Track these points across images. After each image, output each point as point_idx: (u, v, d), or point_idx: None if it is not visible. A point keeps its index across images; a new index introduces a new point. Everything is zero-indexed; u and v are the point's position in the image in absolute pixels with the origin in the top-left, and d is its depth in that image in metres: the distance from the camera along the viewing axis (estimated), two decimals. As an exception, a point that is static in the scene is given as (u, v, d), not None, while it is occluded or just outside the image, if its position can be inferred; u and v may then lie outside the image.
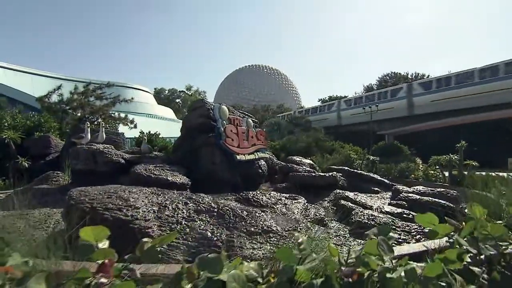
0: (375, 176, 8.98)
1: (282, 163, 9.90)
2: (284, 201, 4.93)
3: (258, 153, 7.34)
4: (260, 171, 7.53)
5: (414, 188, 5.97)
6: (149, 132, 12.96)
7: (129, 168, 4.97)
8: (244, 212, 3.23)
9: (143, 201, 3.09)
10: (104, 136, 6.62)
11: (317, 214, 4.88)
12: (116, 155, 5.24)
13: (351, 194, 6.32)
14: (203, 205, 3.32)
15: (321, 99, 63.02)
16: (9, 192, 5.24)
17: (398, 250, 2.19)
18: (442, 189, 5.64)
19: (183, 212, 3.14)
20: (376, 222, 3.62)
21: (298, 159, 10.03)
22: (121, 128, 13.95)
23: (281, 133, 28.38)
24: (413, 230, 3.70)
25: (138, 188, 3.40)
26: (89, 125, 6.52)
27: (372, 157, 12.89)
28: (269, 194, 5.12)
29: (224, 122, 6.17)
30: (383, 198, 6.70)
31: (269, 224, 3.01)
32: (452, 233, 1.72)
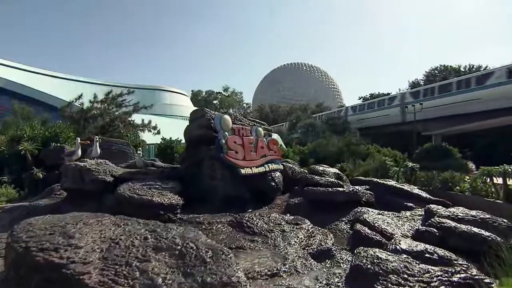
0: (409, 188, 7.85)
1: (305, 171, 9.13)
2: (284, 226, 4.28)
3: (270, 164, 6.70)
4: (273, 184, 6.88)
5: (450, 212, 4.92)
6: (170, 138, 12.89)
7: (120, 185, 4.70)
8: (209, 253, 2.69)
9: (92, 237, 2.69)
10: (99, 151, 6.50)
11: (322, 244, 4.18)
12: (104, 173, 5.00)
13: (372, 215, 5.45)
14: (165, 240, 2.85)
15: (362, 97, 59.82)
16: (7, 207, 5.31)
17: None
18: (487, 216, 4.53)
19: (138, 250, 2.70)
20: (381, 268, 2.83)
21: (321, 168, 9.15)
22: (143, 135, 14.06)
23: (316, 136, 27.07)
24: (434, 279, 2.86)
25: (97, 218, 3.04)
26: (79, 140, 6.46)
27: (411, 163, 11.45)
28: (268, 217, 4.51)
29: (226, 133, 5.65)
30: (413, 219, 5.68)
31: (232, 273, 2.44)
32: None
